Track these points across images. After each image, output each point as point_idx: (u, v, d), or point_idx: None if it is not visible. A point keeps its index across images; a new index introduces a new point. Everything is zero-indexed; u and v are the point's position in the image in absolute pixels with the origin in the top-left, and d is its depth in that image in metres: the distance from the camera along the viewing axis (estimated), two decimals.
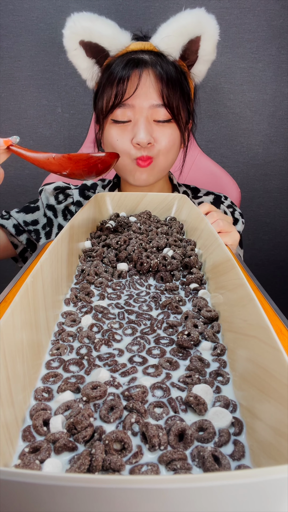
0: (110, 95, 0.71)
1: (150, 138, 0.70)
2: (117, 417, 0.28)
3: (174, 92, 0.70)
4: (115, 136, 0.73)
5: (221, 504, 0.16)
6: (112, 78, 0.70)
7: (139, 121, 0.70)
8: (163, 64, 0.70)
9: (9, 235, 0.83)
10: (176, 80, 0.71)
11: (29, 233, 0.84)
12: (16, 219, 0.83)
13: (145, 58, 0.70)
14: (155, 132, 0.72)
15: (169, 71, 0.70)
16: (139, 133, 0.69)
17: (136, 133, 0.70)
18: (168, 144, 0.73)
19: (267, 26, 1.21)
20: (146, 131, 0.70)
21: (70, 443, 0.26)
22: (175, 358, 0.36)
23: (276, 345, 0.26)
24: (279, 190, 1.44)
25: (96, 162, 0.57)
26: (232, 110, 1.32)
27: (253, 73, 1.27)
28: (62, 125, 1.34)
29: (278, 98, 1.30)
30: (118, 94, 0.70)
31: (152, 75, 0.69)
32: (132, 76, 0.69)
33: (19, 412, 0.28)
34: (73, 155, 0.56)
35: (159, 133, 0.72)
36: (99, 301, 0.46)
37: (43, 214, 0.85)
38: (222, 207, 0.89)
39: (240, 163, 1.40)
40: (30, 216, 0.84)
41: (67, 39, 0.72)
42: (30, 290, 0.34)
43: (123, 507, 0.16)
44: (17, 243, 0.84)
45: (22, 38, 1.22)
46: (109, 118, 0.73)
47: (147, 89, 0.69)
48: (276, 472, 0.16)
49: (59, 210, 0.85)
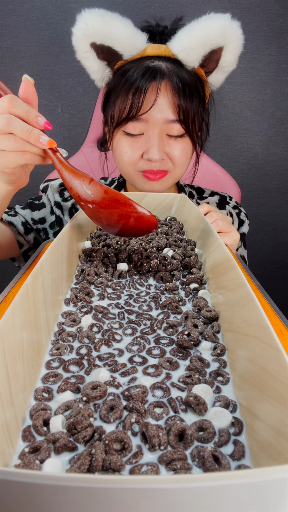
0: (124, 106, 0.67)
1: (163, 155, 0.68)
2: (117, 417, 0.28)
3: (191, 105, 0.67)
4: (125, 147, 0.71)
5: (221, 504, 0.16)
6: (127, 87, 0.66)
7: (152, 136, 0.68)
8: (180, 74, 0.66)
9: (17, 233, 0.77)
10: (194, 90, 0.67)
11: (37, 232, 0.79)
12: (24, 216, 0.78)
13: (162, 68, 0.66)
14: (168, 147, 0.70)
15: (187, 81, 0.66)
16: (152, 150, 0.67)
17: (148, 148, 0.68)
18: (181, 159, 0.72)
19: (267, 26, 1.21)
20: (159, 148, 0.68)
21: (70, 443, 0.26)
22: (175, 358, 0.36)
23: (276, 345, 0.26)
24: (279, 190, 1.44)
25: (131, 213, 0.48)
26: (232, 110, 1.32)
27: (253, 73, 1.27)
28: (62, 125, 1.34)
29: (278, 98, 1.30)
30: (133, 107, 0.65)
31: (168, 87, 0.66)
32: (149, 89, 0.65)
33: (19, 412, 0.28)
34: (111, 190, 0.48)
35: (172, 148, 0.70)
36: (99, 301, 0.46)
37: (49, 211, 0.81)
38: (228, 208, 0.88)
39: (240, 163, 1.40)
40: (37, 214, 0.80)
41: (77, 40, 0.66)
42: (30, 290, 0.34)
43: (123, 507, 0.16)
44: (24, 242, 0.79)
45: (22, 38, 1.22)
46: (120, 129, 0.71)
47: (164, 104, 0.66)
48: (276, 472, 0.16)
49: (66, 208, 0.82)
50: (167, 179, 0.74)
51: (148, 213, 0.48)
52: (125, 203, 0.48)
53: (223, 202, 0.89)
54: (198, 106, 0.69)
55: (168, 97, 0.66)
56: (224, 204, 0.88)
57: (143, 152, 0.70)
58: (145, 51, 0.68)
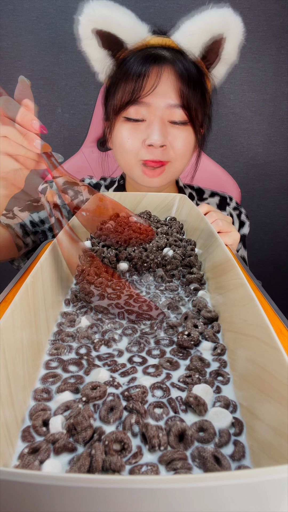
0: (125, 91, 0.67)
1: (165, 140, 0.67)
2: (117, 417, 0.28)
3: (195, 93, 0.67)
4: (126, 135, 0.70)
5: (221, 504, 0.16)
6: (128, 73, 0.66)
7: (154, 121, 0.67)
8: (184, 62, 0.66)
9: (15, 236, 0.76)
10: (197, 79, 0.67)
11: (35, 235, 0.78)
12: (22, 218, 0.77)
13: (165, 55, 0.66)
14: (170, 134, 0.69)
15: (190, 69, 0.66)
16: (153, 134, 0.66)
17: (150, 134, 0.67)
18: (183, 148, 0.70)
19: (267, 26, 1.21)
20: (161, 133, 0.66)
21: (70, 443, 0.26)
22: (175, 358, 0.36)
23: (276, 345, 0.26)
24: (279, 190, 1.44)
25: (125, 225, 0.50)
26: (232, 110, 1.32)
27: (253, 73, 1.27)
28: (62, 125, 1.34)
29: (278, 98, 1.30)
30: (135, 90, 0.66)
31: (172, 73, 0.66)
32: (151, 72, 0.65)
33: (19, 412, 0.28)
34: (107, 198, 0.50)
35: (174, 136, 0.69)
36: (99, 301, 0.46)
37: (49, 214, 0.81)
38: (228, 209, 0.87)
39: (240, 163, 1.40)
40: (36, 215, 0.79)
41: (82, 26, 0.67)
42: (30, 290, 0.34)
43: (123, 507, 0.16)
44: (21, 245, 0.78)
45: (22, 38, 1.22)
46: (120, 116, 0.70)
47: (166, 88, 0.66)
48: (276, 472, 0.16)
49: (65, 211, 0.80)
50: (166, 173, 0.72)
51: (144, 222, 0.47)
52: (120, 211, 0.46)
53: (223, 203, 0.89)
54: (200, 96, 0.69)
55: (171, 82, 0.66)
56: (224, 205, 0.88)
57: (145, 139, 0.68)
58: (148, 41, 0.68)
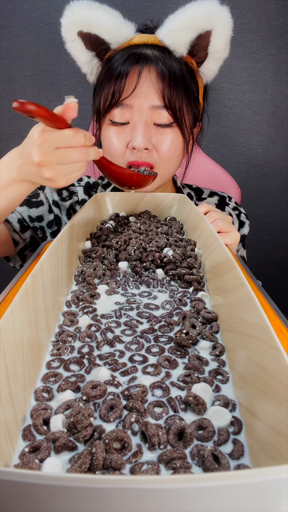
0: (107, 93, 0.66)
1: (148, 144, 0.66)
2: (117, 416, 0.28)
3: (177, 93, 0.65)
4: (112, 138, 0.69)
5: (221, 504, 0.16)
6: (110, 74, 0.65)
7: (137, 123, 0.66)
8: (167, 61, 0.64)
9: (12, 230, 0.75)
10: (180, 79, 0.65)
11: (34, 230, 0.77)
12: (20, 213, 0.76)
13: (147, 53, 0.64)
14: (155, 137, 0.67)
15: (173, 68, 0.64)
16: (136, 137, 0.65)
17: (133, 136, 0.66)
18: (168, 151, 0.68)
19: (267, 26, 1.21)
20: (144, 135, 0.65)
21: (70, 442, 0.26)
22: (173, 356, 0.36)
23: (276, 345, 0.26)
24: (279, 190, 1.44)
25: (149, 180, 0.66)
26: (232, 110, 1.32)
27: (253, 73, 1.27)
28: None
29: (278, 98, 1.30)
30: (115, 92, 0.64)
31: (153, 73, 0.64)
32: (131, 73, 0.64)
33: (19, 412, 0.28)
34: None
35: (159, 139, 0.67)
36: (99, 301, 0.46)
37: (47, 210, 0.79)
38: (227, 209, 0.86)
39: (240, 163, 1.40)
40: (35, 211, 0.77)
41: (64, 29, 0.67)
42: (30, 290, 0.34)
43: (123, 507, 0.16)
44: (19, 240, 0.76)
45: (22, 38, 1.22)
46: (106, 118, 0.69)
47: (147, 89, 0.64)
48: (276, 472, 0.16)
49: (64, 208, 0.80)
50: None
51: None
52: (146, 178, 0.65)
53: (222, 202, 0.88)
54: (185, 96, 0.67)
55: (152, 82, 0.64)
56: (224, 205, 0.87)
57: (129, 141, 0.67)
58: (132, 40, 0.67)
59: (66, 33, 0.67)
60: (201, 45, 0.66)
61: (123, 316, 0.43)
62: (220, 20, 0.62)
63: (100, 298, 0.47)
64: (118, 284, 0.50)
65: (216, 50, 0.66)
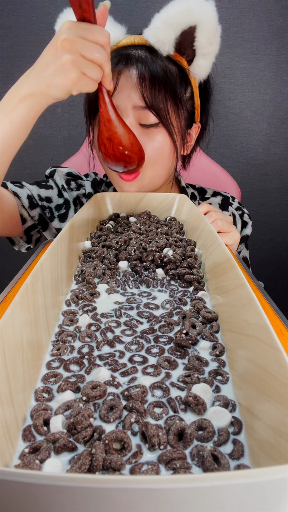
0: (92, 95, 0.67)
1: None
2: (116, 416, 0.28)
3: (159, 92, 0.64)
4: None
5: (221, 504, 0.16)
6: None
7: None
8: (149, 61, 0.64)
9: (21, 206, 0.73)
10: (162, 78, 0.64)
11: (42, 209, 0.76)
12: (30, 190, 0.75)
13: (131, 54, 0.64)
14: (141, 137, 0.66)
15: (154, 68, 0.63)
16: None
17: None
18: (154, 153, 0.67)
19: (267, 26, 1.21)
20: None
21: (70, 443, 0.26)
22: (173, 357, 0.36)
23: (276, 345, 0.26)
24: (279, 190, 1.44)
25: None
26: (232, 110, 1.32)
27: (253, 73, 1.27)
28: (62, 125, 1.34)
29: (278, 98, 1.30)
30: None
31: (134, 74, 0.64)
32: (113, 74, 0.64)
33: (19, 412, 0.28)
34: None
35: (143, 140, 0.66)
36: (98, 300, 0.46)
37: (57, 194, 0.78)
38: (231, 209, 0.86)
39: (240, 163, 1.40)
40: (44, 192, 0.77)
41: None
42: (30, 290, 0.34)
43: (123, 507, 0.16)
44: (26, 217, 0.75)
45: (22, 38, 1.22)
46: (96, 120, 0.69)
47: (129, 89, 0.64)
48: (276, 472, 0.16)
49: (71, 197, 0.80)
50: (141, 180, 0.70)
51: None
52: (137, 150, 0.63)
53: (225, 202, 0.88)
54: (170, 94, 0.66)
55: (133, 83, 0.64)
56: (227, 205, 0.87)
57: None
58: (120, 42, 0.67)
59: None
60: (187, 42, 0.65)
61: (123, 315, 0.43)
62: (203, 14, 0.60)
63: (100, 297, 0.47)
64: (118, 283, 0.50)
65: (202, 46, 0.64)
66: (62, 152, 1.38)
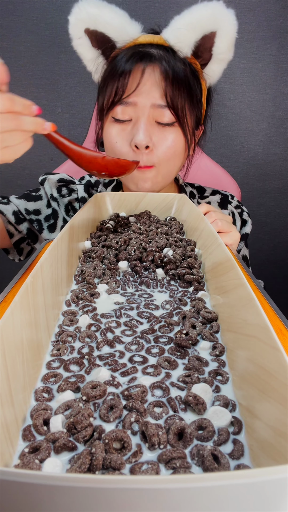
0: (111, 90, 0.67)
1: (149, 141, 0.66)
2: (116, 416, 0.28)
3: (180, 92, 0.65)
4: (114, 136, 0.69)
5: (221, 504, 0.16)
6: (114, 71, 0.66)
7: (139, 120, 0.66)
8: (171, 60, 0.64)
9: (7, 222, 0.76)
10: (183, 78, 0.65)
11: (30, 223, 0.78)
12: (17, 205, 0.76)
13: (151, 52, 0.65)
14: (156, 135, 0.67)
15: (177, 68, 0.64)
16: (138, 134, 0.65)
17: (135, 134, 0.66)
18: (168, 151, 0.68)
19: (267, 26, 1.21)
20: (146, 133, 0.65)
21: (70, 442, 0.26)
22: (173, 357, 0.36)
23: (276, 345, 0.26)
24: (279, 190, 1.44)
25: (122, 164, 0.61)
26: (232, 110, 1.32)
27: (253, 73, 1.27)
28: (62, 125, 1.34)
29: (278, 98, 1.30)
30: (119, 89, 0.65)
31: (157, 71, 0.64)
32: (134, 70, 0.64)
33: (19, 412, 0.28)
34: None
35: (159, 137, 0.67)
36: (98, 300, 0.46)
37: (46, 204, 0.80)
38: (230, 208, 0.86)
39: (240, 163, 1.40)
40: (32, 205, 0.78)
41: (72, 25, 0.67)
42: (30, 290, 0.34)
43: (123, 507, 0.16)
44: (13, 232, 0.77)
45: (22, 38, 1.22)
46: (109, 116, 0.69)
47: (150, 87, 0.65)
48: (276, 472, 0.16)
49: (62, 204, 0.81)
50: (156, 176, 0.71)
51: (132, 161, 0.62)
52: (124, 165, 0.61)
53: (225, 201, 0.88)
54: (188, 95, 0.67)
55: (156, 81, 0.65)
56: (226, 204, 0.87)
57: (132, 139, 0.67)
58: (138, 39, 0.68)
59: (73, 30, 0.68)
60: (206, 46, 0.67)
61: (123, 316, 0.43)
62: (225, 21, 0.62)
63: (100, 297, 0.47)
64: (118, 283, 0.50)
65: (220, 51, 0.66)
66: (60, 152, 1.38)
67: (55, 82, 1.27)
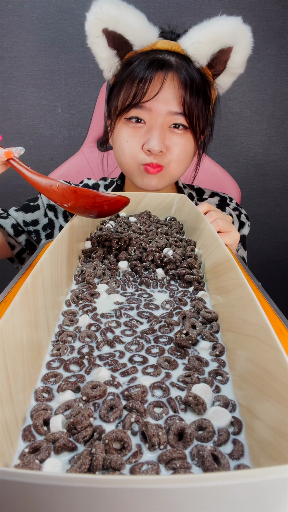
0: (128, 94, 0.67)
1: (163, 147, 0.68)
2: (116, 416, 0.28)
3: (197, 101, 0.67)
4: (126, 137, 0.70)
5: (221, 504, 0.16)
6: (133, 76, 0.67)
7: (154, 126, 0.68)
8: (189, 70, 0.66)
9: (7, 235, 0.79)
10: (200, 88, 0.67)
11: (28, 234, 0.80)
12: (15, 218, 0.79)
13: (170, 61, 0.66)
14: (169, 140, 0.69)
15: (195, 78, 0.66)
16: (152, 140, 0.67)
17: (149, 139, 0.68)
18: (181, 154, 0.71)
19: (267, 26, 1.21)
20: (160, 139, 0.67)
21: (70, 443, 0.26)
22: (173, 357, 0.36)
23: (276, 345, 0.26)
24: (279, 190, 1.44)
25: (102, 203, 0.51)
26: (232, 110, 1.33)
27: (253, 73, 1.27)
28: (62, 125, 1.34)
29: (278, 98, 1.30)
30: (137, 94, 0.66)
31: (176, 80, 0.66)
32: (155, 78, 0.65)
33: (19, 412, 0.28)
34: (80, 189, 0.51)
35: (172, 142, 0.69)
36: (98, 300, 0.46)
37: (43, 214, 0.82)
38: (228, 210, 0.87)
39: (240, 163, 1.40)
40: (30, 216, 0.81)
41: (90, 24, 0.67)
42: (30, 290, 0.34)
43: (123, 507, 0.16)
44: (15, 244, 0.80)
45: (22, 38, 1.22)
46: (122, 117, 0.71)
47: (168, 95, 0.66)
48: (276, 472, 0.16)
49: (60, 211, 0.82)
50: (164, 175, 0.73)
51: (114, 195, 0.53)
52: (94, 196, 0.51)
53: (223, 203, 0.88)
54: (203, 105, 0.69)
55: (174, 89, 0.66)
56: (224, 206, 0.88)
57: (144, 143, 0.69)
58: (155, 44, 0.68)
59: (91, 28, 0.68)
60: (221, 59, 0.69)
61: (123, 316, 0.43)
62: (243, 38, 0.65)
63: (100, 297, 0.47)
64: (118, 283, 0.50)
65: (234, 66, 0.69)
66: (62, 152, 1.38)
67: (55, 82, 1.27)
